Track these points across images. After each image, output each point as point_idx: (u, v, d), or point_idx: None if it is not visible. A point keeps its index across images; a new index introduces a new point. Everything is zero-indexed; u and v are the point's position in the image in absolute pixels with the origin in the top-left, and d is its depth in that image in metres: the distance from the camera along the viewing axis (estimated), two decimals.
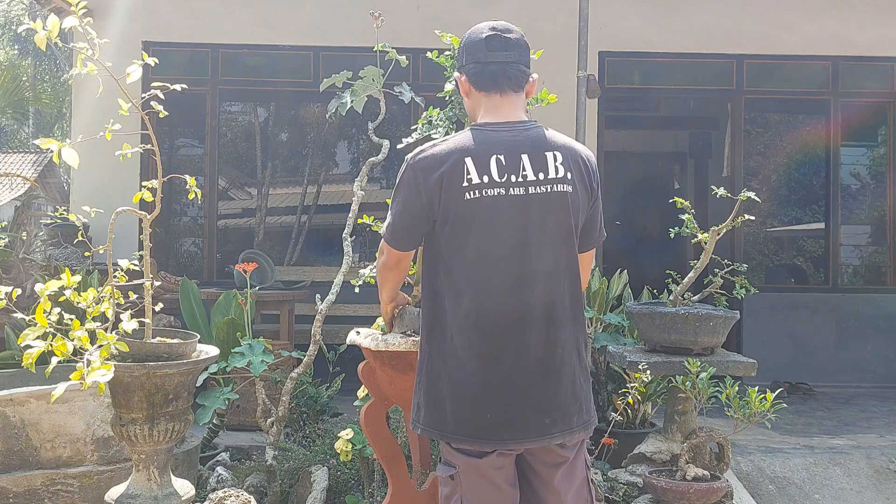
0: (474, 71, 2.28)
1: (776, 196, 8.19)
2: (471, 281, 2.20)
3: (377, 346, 2.68)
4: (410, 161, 2.24)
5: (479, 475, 2.24)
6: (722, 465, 3.73)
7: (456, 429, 2.22)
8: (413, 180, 2.20)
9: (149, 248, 2.76)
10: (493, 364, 2.20)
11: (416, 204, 2.21)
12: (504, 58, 2.26)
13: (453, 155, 2.18)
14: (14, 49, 22.74)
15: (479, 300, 2.19)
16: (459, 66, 2.35)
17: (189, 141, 8.20)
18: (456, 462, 2.25)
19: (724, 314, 3.78)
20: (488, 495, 2.25)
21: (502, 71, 2.26)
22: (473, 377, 2.20)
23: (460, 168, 2.16)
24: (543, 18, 6.78)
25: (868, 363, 7.44)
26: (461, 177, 2.16)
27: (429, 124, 2.86)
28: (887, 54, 7.52)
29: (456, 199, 2.16)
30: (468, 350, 2.20)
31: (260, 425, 3.87)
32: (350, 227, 3.72)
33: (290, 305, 6.19)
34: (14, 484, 3.27)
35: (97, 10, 6.64)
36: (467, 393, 2.20)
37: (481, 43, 2.27)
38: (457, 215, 2.17)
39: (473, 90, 2.30)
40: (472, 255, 2.19)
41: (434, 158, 2.19)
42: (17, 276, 5.56)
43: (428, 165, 2.19)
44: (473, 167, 2.16)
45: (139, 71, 2.54)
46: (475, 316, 2.19)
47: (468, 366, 2.20)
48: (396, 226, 2.28)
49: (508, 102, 2.27)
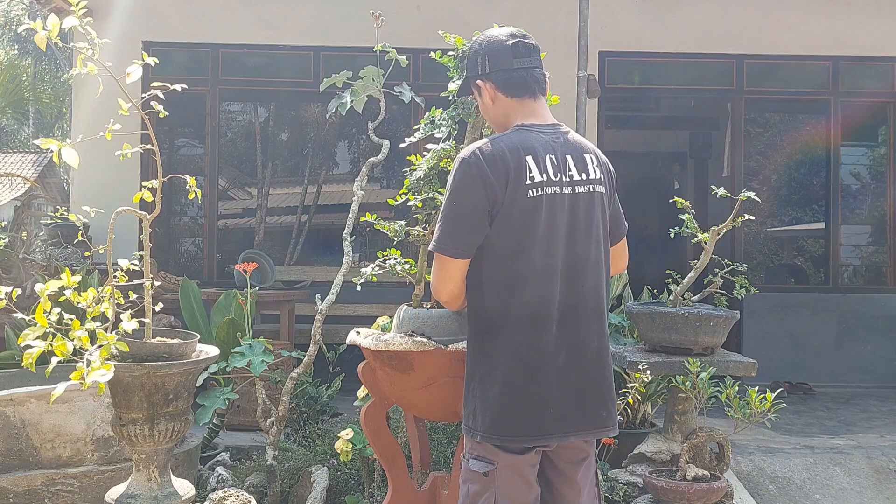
0: (502, 78, 2.33)
1: (776, 196, 8.19)
2: (529, 276, 2.22)
3: (377, 346, 2.68)
4: (471, 159, 2.21)
5: (516, 472, 2.25)
6: (722, 465, 3.73)
7: (517, 429, 2.21)
8: (479, 174, 2.19)
9: (149, 248, 2.76)
10: (553, 356, 2.22)
11: (480, 202, 2.19)
12: (528, 63, 2.33)
13: (516, 153, 2.21)
14: (14, 49, 22.75)
15: (539, 294, 2.22)
16: (482, 74, 2.36)
17: (189, 141, 8.20)
18: (495, 459, 2.24)
19: (724, 314, 3.78)
20: (520, 493, 2.27)
21: (531, 76, 2.33)
22: (535, 372, 2.22)
23: (523, 166, 2.21)
24: (543, 19, 6.79)
25: (868, 363, 7.44)
26: (525, 174, 2.20)
27: (431, 124, 2.85)
28: (887, 54, 7.53)
29: (521, 196, 2.20)
30: (529, 345, 2.22)
31: (260, 425, 3.87)
32: (350, 227, 3.72)
33: (290, 305, 6.18)
34: (14, 484, 3.27)
35: (97, 10, 6.64)
36: (529, 389, 2.21)
37: (507, 50, 2.32)
38: (519, 212, 2.20)
39: (502, 96, 2.34)
40: (531, 252, 2.22)
41: (499, 155, 2.20)
42: (17, 276, 5.56)
43: (494, 160, 2.20)
44: (534, 165, 2.22)
45: (139, 71, 2.54)
46: (533, 310, 2.21)
47: (530, 361, 2.22)
48: (457, 227, 2.22)
49: (541, 106, 2.35)
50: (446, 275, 2.27)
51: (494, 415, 2.22)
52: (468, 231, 2.21)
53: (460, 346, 2.57)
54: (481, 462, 2.25)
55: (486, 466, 2.24)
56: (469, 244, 2.22)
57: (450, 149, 2.85)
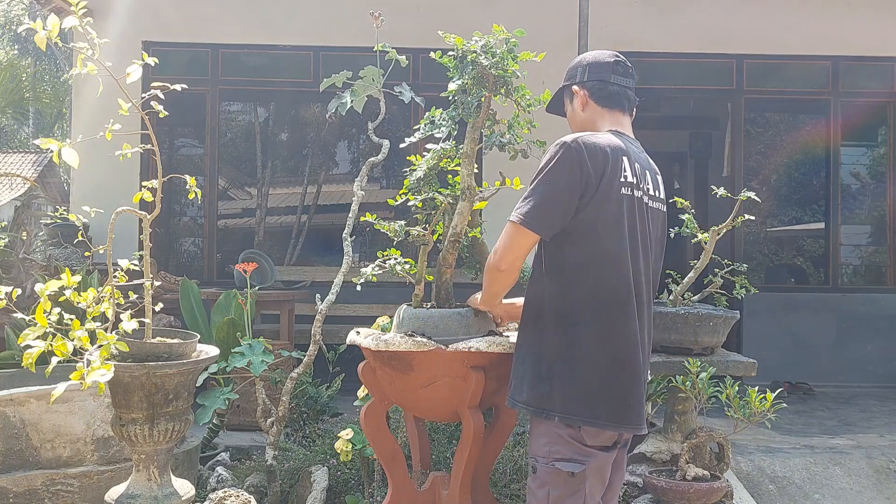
0: (597, 88, 2.49)
1: (776, 196, 8.19)
2: (615, 268, 2.29)
3: (377, 346, 2.68)
4: (573, 144, 2.27)
5: (603, 470, 2.31)
6: (722, 465, 3.73)
7: (607, 414, 2.26)
8: (578, 159, 2.25)
9: (149, 248, 2.76)
10: (635, 348, 2.30)
11: (575, 182, 2.25)
12: (625, 83, 2.51)
13: (615, 150, 2.31)
14: (14, 49, 22.74)
15: (623, 286, 2.29)
16: (580, 81, 2.51)
17: (189, 141, 8.20)
18: (588, 458, 2.26)
19: (724, 314, 3.78)
20: (599, 490, 2.32)
21: (623, 93, 2.50)
22: (621, 360, 2.28)
23: (620, 163, 2.30)
24: (543, 19, 6.78)
25: (868, 363, 7.44)
26: (620, 171, 2.30)
27: (431, 124, 2.85)
28: (887, 54, 7.53)
29: (615, 190, 2.28)
30: (613, 333, 2.28)
31: (260, 425, 3.87)
32: (350, 227, 3.72)
33: (290, 305, 6.18)
34: (14, 484, 3.27)
35: (97, 10, 6.64)
36: (622, 376, 2.28)
37: (608, 66, 2.50)
38: (612, 205, 2.28)
39: (593, 104, 2.49)
40: (618, 245, 2.29)
41: (600, 147, 2.28)
42: (17, 276, 5.56)
43: (595, 151, 2.27)
44: (629, 166, 2.33)
45: (139, 71, 2.54)
46: (618, 298, 2.28)
47: (615, 348, 2.28)
48: (547, 206, 2.27)
49: (627, 122, 2.51)
50: (518, 245, 2.32)
51: (581, 398, 2.26)
52: (555, 211, 2.27)
53: (460, 346, 2.57)
54: (571, 463, 2.25)
55: (577, 467, 2.24)
56: (551, 224, 2.29)
57: (449, 149, 2.84)
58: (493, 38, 2.68)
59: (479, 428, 2.64)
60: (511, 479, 3.70)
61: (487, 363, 2.61)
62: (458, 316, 2.68)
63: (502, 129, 2.79)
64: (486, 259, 2.48)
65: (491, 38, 2.67)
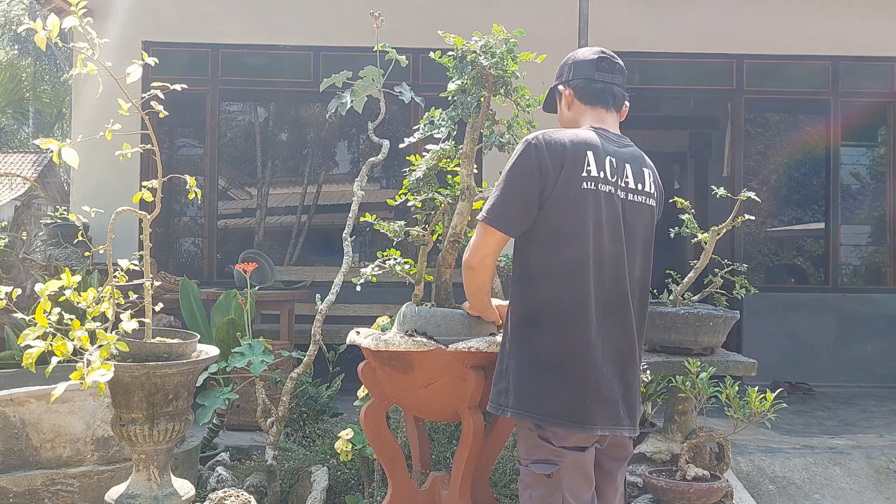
0: (581, 86, 2.47)
1: (776, 196, 8.19)
2: (575, 266, 2.28)
3: (377, 346, 2.68)
4: (533, 141, 2.29)
5: (580, 470, 2.30)
6: (722, 465, 3.73)
7: (560, 413, 2.26)
8: (536, 157, 2.27)
9: (149, 248, 2.76)
10: (594, 348, 2.28)
11: (534, 180, 2.27)
12: (610, 79, 2.48)
13: (578, 145, 2.30)
14: (14, 49, 22.73)
15: (581, 285, 2.28)
16: (565, 80, 2.51)
17: (189, 141, 8.20)
18: (560, 459, 2.27)
19: (724, 314, 3.78)
20: (583, 490, 2.31)
21: (608, 90, 2.47)
22: (581, 360, 2.27)
23: (582, 158, 2.29)
24: (543, 19, 6.78)
25: (868, 363, 7.44)
26: (581, 166, 2.28)
27: (431, 124, 2.85)
28: (887, 54, 7.53)
29: (574, 185, 2.27)
30: (573, 334, 2.27)
31: (260, 425, 3.87)
32: (350, 227, 3.72)
33: (290, 305, 6.18)
34: (14, 484, 3.27)
35: (97, 10, 6.64)
36: (583, 377, 2.26)
37: (592, 63, 2.48)
38: (571, 201, 2.27)
39: (577, 103, 2.48)
40: (579, 242, 2.28)
41: (560, 143, 2.29)
42: (17, 276, 5.55)
43: (554, 147, 2.28)
44: (593, 160, 2.30)
45: (139, 71, 2.54)
46: (576, 299, 2.27)
47: (574, 349, 2.26)
48: (508, 203, 2.30)
49: (612, 118, 2.48)
50: (484, 244, 2.35)
51: (552, 398, 2.26)
52: (516, 206, 2.29)
53: (460, 346, 2.57)
54: (542, 464, 2.28)
55: (549, 468, 2.27)
56: (515, 221, 2.30)
57: (449, 149, 2.85)
58: (493, 38, 2.68)
59: (479, 428, 2.65)
60: (511, 479, 3.70)
61: (487, 363, 2.61)
62: (461, 316, 2.69)
63: (502, 130, 2.80)
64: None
65: (490, 38, 2.68)
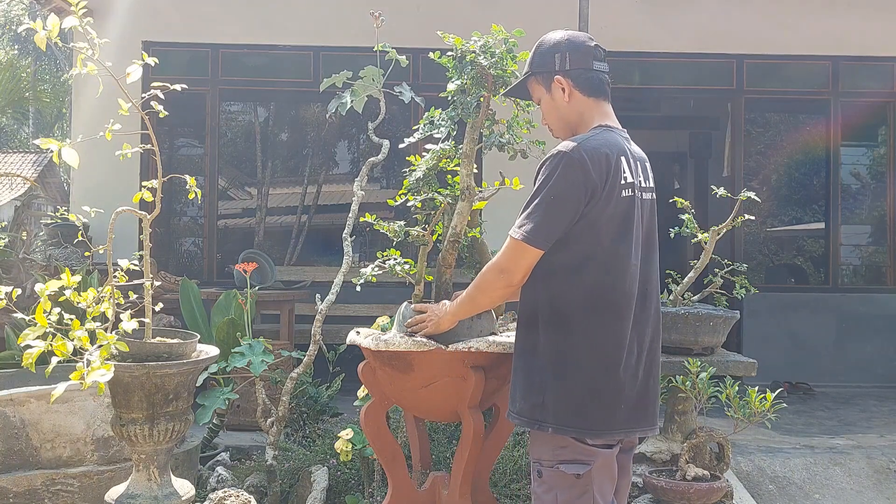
0: (584, 76, 2.35)
1: (776, 196, 8.19)
2: (616, 276, 2.24)
3: (377, 346, 2.68)
4: (576, 155, 2.18)
5: (609, 468, 2.27)
6: (722, 465, 3.73)
7: (598, 422, 2.22)
8: (582, 172, 2.17)
9: (149, 247, 2.76)
10: (629, 353, 2.26)
11: (580, 198, 2.18)
12: (604, 68, 2.39)
13: (614, 152, 2.23)
14: (14, 49, 22.74)
15: (624, 290, 2.25)
16: (560, 70, 2.35)
17: (189, 141, 8.20)
18: (592, 458, 2.22)
19: (724, 314, 3.78)
20: (609, 489, 2.29)
21: (605, 80, 2.39)
22: (616, 365, 2.23)
23: (619, 166, 2.23)
24: (543, 19, 6.71)
25: (868, 363, 7.43)
26: (620, 174, 2.23)
27: (430, 124, 2.85)
28: (887, 54, 7.52)
29: (616, 195, 2.22)
30: (611, 340, 2.23)
31: (260, 425, 3.87)
32: (350, 227, 3.72)
33: (290, 305, 6.18)
34: (14, 484, 3.27)
35: (97, 10, 6.64)
36: (612, 380, 2.23)
37: (589, 51, 2.36)
38: (614, 210, 2.22)
39: (579, 94, 2.35)
40: (619, 251, 2.23)
41: (602, 154, 2.21)
42: (17, 276, 5.55)
43: (598, 160, 2.19)
44: (626, 166, 2.26)
45: (139, 71, 2.54)
46: (617, 303, 2.24)
47: (612, 355, 2.23)
48: (553, 224, 2.19)
49: (612, 111, 2.40)
50: (526, 264, 2.24)
51: (576, 407, 2.22)
52: (561, 225, 2.19)
53: (460, 346, 2.57)
54: (575, 465, 2.21)
55: (581, 468, 2.21)
56: (556, 237, 2.21)
57: (449, 149, 2.85)
58: (493, 38, 2.68)
59: (479, 428, 2.65)
60: (511, 479, 3.70)
61: (487, 363, 2.61)
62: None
63: (501, 129, 2.80)
64: (486, 262, 2.45)
65: (490, 38, 2.68)
